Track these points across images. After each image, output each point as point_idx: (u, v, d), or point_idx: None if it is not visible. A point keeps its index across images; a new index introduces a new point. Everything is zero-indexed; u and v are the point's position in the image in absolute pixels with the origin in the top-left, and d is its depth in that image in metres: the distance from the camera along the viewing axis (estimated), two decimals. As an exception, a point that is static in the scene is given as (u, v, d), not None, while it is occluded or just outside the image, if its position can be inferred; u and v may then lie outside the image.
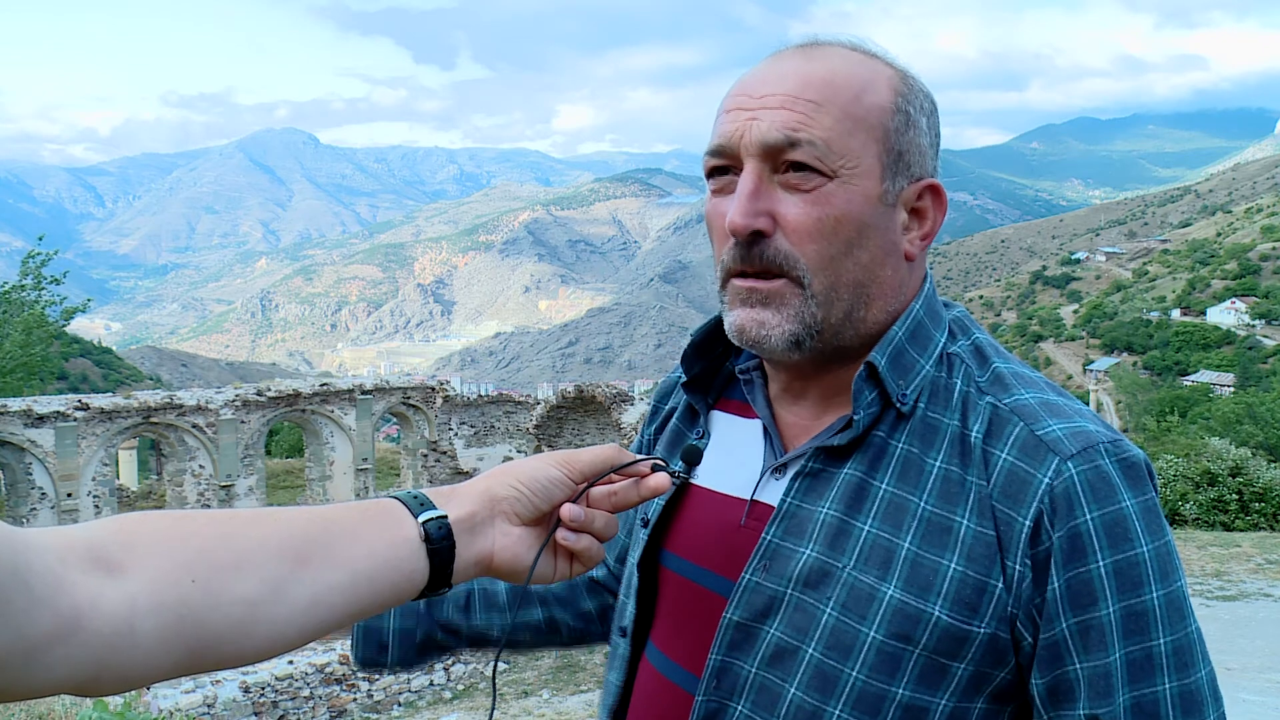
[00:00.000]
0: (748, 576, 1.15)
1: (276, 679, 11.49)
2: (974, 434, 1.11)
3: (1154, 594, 1.04)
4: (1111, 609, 1.03)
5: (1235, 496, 17.19)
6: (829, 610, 1.09)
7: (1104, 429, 1.10)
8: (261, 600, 0.86)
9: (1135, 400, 73.74)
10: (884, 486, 1.12)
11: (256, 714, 11.41)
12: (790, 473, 1.18)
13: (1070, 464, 1.05)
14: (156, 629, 0.80)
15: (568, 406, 26.16)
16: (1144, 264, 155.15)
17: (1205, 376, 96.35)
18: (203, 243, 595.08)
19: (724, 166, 1.16)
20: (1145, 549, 1.04)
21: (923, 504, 1.10)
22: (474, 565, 1.01)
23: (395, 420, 31.72)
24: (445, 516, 0.98)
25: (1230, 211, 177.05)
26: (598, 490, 1.09)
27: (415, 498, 0.99)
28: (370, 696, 12.49)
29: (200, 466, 25.50)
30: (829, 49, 1.17)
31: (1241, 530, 16.40)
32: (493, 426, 29.60)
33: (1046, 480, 1.05)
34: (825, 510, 1.13)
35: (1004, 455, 1.09)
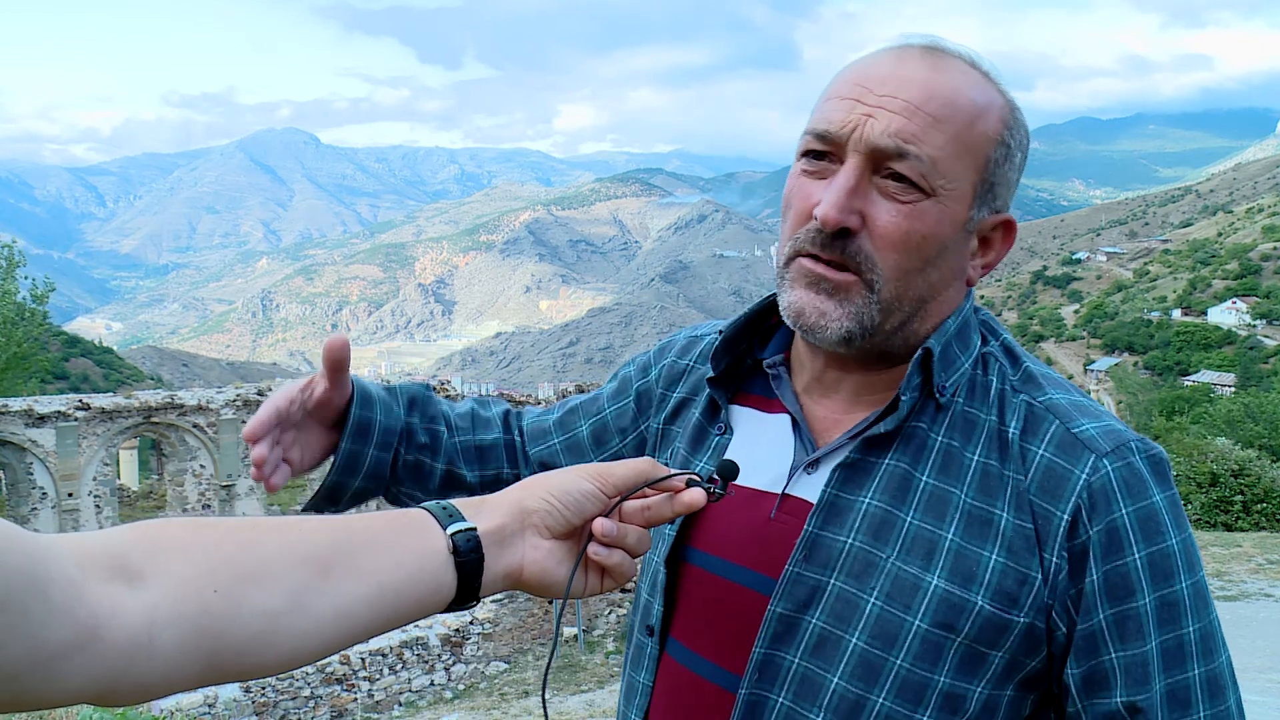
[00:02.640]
0: (791, 568, 1.15)
1: (277, 679, 11.48)
2: (1011, 430, 1.14)
3: (1183, 584, 1.08)
4: (1147, 600, 1.07)
5: (1238, 497, 17.18)
6: (873, 599, 1.11)
7: (1128, 428, 1.14)
8: (284, 611, 0.85)
9: (1136, 400, 73.68)
10: (926, 479, 1.14)
11: (257, 714, 11.41)
12: (830, 465, 1.19)
13: (1106, 461, 1.09)
14: (176, 639, 0.79)
15: (568, 406, 26.19)
16: (1145, 264, 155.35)
17: (1206, 376, 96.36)
18: (204, 242, 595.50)
19: (822, 151, 1.15)
20: (1174, 541, 1.08)
21: (964, 497, 1.12)
22: (503, 578, 1.00)
23: (396, 420, 31.73)
24: (474, 529, 0.97)
25: (1231, 211, 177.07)
26: (630, 505, 1.06)
27: (444, 508, 0.98)
28: (371, 696, 12.48)
29: (201, 466, 25.52)
30: (953, 61, 1.16)
31: (1243, 531, 16.40)
32: (493, 426, 29.64)
33: (1084, 476, 1.08)
34: (868, 501, 1.14)
35: (1041, 452, 1.12)
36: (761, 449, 1.25)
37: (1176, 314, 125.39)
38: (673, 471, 1.08)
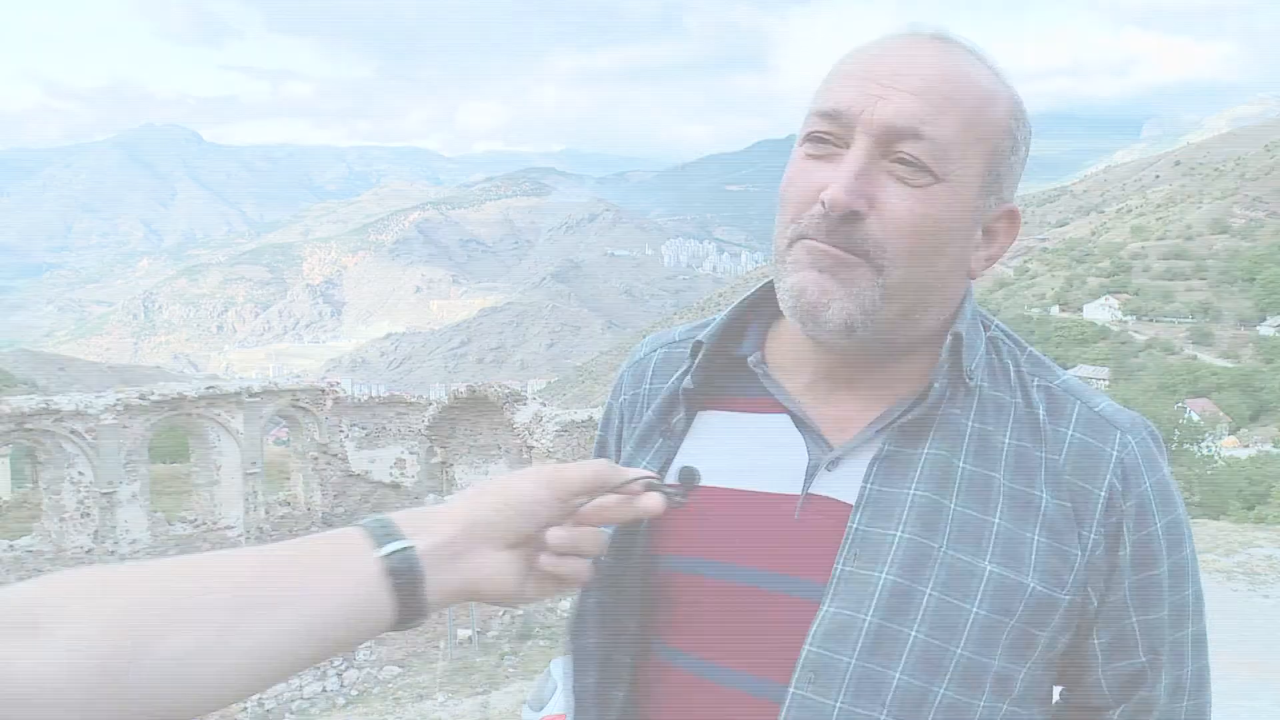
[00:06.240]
0: (842, 566, 1.12)
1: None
2: (1040, 412, 1.16)
3: (1188, 550, 1.17)
4: (1165, 566, 1.15)
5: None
6: (929, 591, 1.10)
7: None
8: (199, 653, 0.83)
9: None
10: (965, 465, 1.13)
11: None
12: (857, 460, 1.17)
13: (1130, 437, 1.15)
14: (82, 690, 0.79)
15: (460, 407, 26.00)
16: (1025, 261, 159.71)
17: (1083, 370, 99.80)
18: (80, 242, 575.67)
19: (827, 134, 1.11)
20: (1181, 510, 1.17)
21: (1003, 480, 1.13)
22: (455, 592, 0.98)
23: (285, 423, 31.19)
24: (410, 547, 0.94)
25: (1103, 212, 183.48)
26: (584, 508, 1.05)
27: (381, 524, 0.95)
28: (261, 705, 12.29)
29: (80, 474, 24.71)
30: (961, 49, 1.14)
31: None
32: (384, 428, 29.24)
33: (1115, 453, 1.13)
34: (913, 492, 1.13)
35: (1071, 432, 1.15)
36: (757, 450, 1.21)
37: (1055, 310, 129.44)
38: (630, 476, 1.07)
